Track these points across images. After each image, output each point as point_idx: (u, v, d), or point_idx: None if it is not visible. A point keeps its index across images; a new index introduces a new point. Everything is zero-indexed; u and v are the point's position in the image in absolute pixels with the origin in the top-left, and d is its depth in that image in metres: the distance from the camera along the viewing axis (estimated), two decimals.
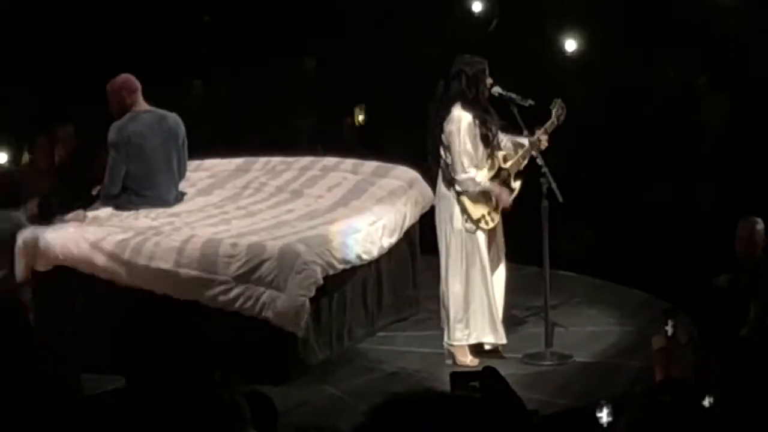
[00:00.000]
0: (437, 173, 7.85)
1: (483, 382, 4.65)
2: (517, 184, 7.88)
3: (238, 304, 7.68)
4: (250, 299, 7.67)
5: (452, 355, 7.81)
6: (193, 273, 7.77)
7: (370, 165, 9.19)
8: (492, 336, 7.82)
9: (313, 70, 13.88)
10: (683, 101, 12.39)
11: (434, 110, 7.78)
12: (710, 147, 11.73)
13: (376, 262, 8.42)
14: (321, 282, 7.64)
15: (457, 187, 7.66)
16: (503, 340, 7.85)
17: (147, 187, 8.60)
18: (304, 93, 13.50)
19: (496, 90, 7.77)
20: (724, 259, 8.66)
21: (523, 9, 13.03)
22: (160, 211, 8.56)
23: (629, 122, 11.99)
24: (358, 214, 8.42)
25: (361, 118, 13.03)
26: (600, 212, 11.23)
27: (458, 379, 5.03)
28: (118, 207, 8.53)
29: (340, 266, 7.93)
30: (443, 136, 7.65)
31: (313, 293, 7.59)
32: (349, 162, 9.35)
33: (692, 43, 12.42)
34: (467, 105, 7.64)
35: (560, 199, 7.59)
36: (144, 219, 8.41)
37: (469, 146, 7.60)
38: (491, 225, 7.75)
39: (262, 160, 9.64)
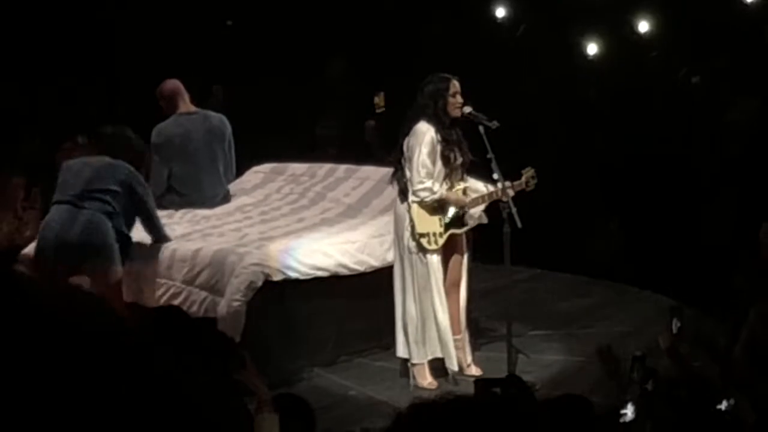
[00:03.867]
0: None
1: (505, 389, 4.64)
2: (473, 222, 7.74)
3: (185, 308, 7.62)
4: (194, 303, 7.71)
5: (412, 375, 7.70)
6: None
7: (383, 170, 9.23)
8: (443, 355, 7.67)
9: (336, 73, 13.86)
10: (709, 103, 12.33)
11: (402, 128, 7.71)
12: (736, 149, 11.66)
13: (388, 276, 8.31)
14: (259, 285, 7.53)
15: (412, 197, 7.53)
16: (453, 367, 7.65)
17: (190, 186, 8.73)
18: (327, 97, 13.50)
19: (467, 109, 7.68)
20: (746, 263, 8.59)
21: (547, 11, 13.00)
22: (197, 212, 8.64)
23: (653, 125, 11.95)
24: (362, 225, 8.42)
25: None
26: (623, 215, 11.19)
27: (481, 386, 5.03)
28: (161, 207, 8.59)
29: (310, 272, 7.84)
30: (404, 149, 7.57)
31: (250, 297, 7.49)
32: (367, 168, 9.43)
33: (719, 45, 12.36)
34: (430, 121, 7.54)
35: (519, 225, 7.44)
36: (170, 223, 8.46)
37: (427, 159, 7.47)
38: (434, 246, 7.54)
39: (292, 165, 9.72)
